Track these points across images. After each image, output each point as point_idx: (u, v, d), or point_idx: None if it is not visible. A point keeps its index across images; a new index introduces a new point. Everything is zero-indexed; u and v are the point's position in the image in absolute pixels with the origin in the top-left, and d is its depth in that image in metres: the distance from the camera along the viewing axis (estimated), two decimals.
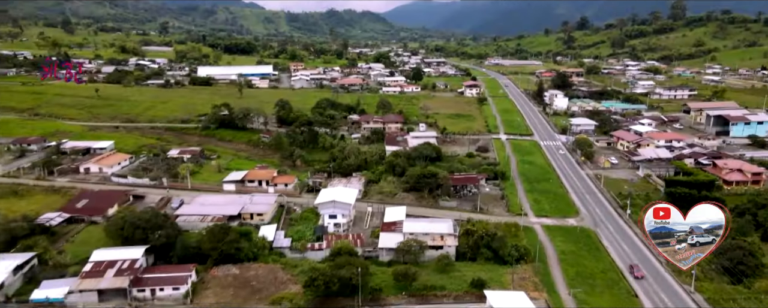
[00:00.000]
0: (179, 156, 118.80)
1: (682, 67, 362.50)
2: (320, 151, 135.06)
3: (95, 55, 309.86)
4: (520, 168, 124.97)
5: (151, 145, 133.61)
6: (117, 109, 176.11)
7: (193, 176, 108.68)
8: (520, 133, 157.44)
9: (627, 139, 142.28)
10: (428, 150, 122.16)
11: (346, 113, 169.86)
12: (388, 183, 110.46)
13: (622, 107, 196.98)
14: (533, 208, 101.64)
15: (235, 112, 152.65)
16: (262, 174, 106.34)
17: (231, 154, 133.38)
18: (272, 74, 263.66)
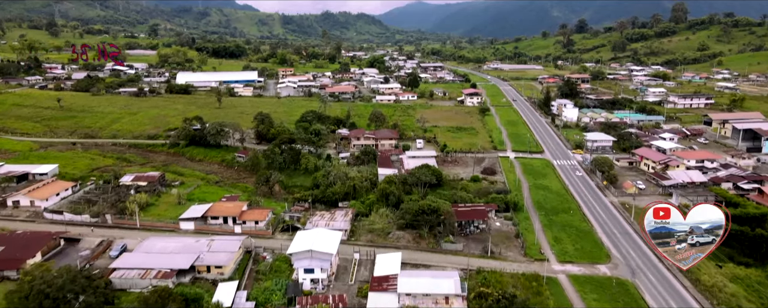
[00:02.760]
0: (133, 183, 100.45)
1: (690, 72, 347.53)
2: (302, 174, 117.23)
3: (69, 60, 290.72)
4: (533, 196, 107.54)
5: (106, 168, 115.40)
6: (79, 121, 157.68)
7: (145, 210, 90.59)
8: (530, 150, 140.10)
9: (652, 159, 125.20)
10: (427, 174, 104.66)
11: (334, 127, 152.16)
12: (380, 217, 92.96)
13: (638, 118, 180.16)
14: (555, 250, 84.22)
15: (207, 127, 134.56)
16: (227, 209, 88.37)
17: (199, 179, 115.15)
18: (257, 81, 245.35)
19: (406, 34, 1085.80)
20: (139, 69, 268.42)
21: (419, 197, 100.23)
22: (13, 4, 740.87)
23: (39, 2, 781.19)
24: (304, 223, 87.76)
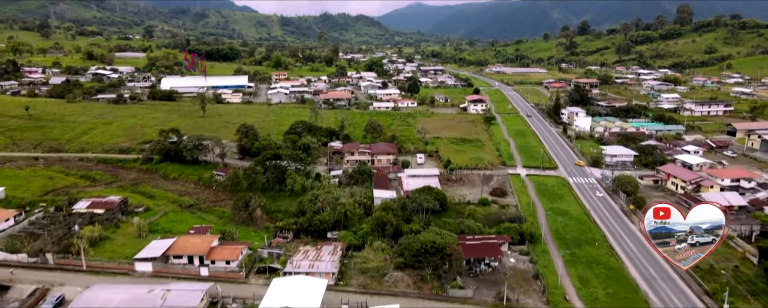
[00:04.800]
0: (89, 211, 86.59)
1: (700, 76, 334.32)
2: (288, 196, 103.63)
3: (53, 63, 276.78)
4: (551, 224, 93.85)
5: (64, 189, 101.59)
6: (46, 132, 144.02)
7: (98, 246, 76.77)
8: (543, 167, 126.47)
9: (681, 177, 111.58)
10: (429, 199, 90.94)
11: (326, 139, 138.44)
12: (375, 251, 79.32)
13: (656, 128, 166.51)
14: (582, 295, 70.63)
15: (184, 140, 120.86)
16: (193, 247, 74.53)
17: (170, 202, 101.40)
18: (247, 86, 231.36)
19: (406, 35, 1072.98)
20: (124, 73, 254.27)
21: (420, 226, 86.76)
22: (8, 5, 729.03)
23: (35, 3, 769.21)
24: (285, 262, 74.01)
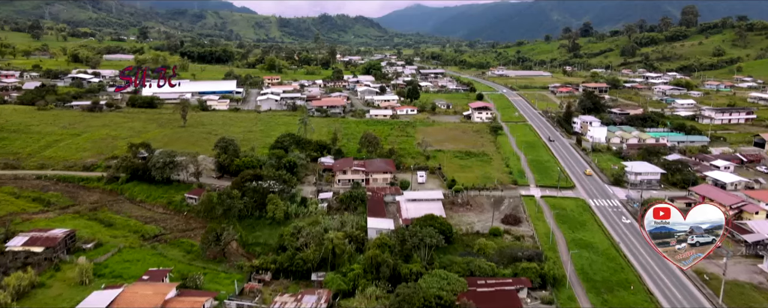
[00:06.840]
0: (25, 249, 72.33)
1: (712, 80, 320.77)
2: (269, 224, 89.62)
3: (33, 66, 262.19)
4: (576, 261, 79.75)
5: (7, 217, 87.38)
6: (6, 145, 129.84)
7: (29, 298, 62.58)
8: (559, 186, 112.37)
9: (720, 201, 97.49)
10: (433, 234, 76.74)
11: (316, 154, 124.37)
12: (367, 300, 65.46)
13: (678, 139, 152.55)
14: None
15: (154, 156, 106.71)
16: (143, 300, 60.30)
17: (131, 232, 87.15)
18: (236, 92, 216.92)
19: (405, 37, 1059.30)
20: (106, 77, 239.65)
21: (421, 267, 72.92)
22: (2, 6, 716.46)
23: (30, 4, 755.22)
24: None
